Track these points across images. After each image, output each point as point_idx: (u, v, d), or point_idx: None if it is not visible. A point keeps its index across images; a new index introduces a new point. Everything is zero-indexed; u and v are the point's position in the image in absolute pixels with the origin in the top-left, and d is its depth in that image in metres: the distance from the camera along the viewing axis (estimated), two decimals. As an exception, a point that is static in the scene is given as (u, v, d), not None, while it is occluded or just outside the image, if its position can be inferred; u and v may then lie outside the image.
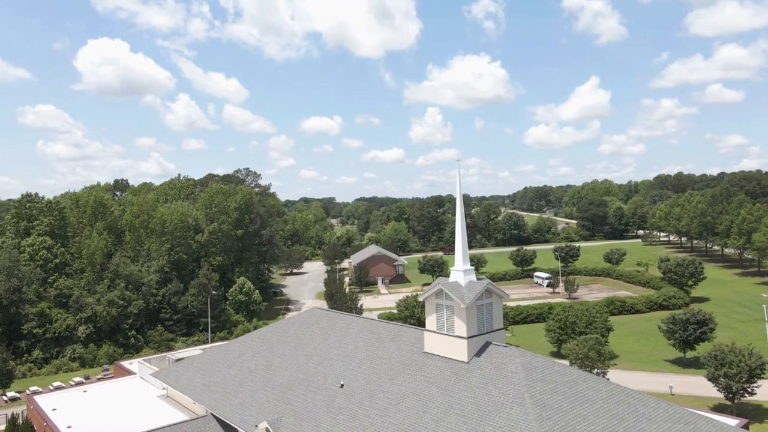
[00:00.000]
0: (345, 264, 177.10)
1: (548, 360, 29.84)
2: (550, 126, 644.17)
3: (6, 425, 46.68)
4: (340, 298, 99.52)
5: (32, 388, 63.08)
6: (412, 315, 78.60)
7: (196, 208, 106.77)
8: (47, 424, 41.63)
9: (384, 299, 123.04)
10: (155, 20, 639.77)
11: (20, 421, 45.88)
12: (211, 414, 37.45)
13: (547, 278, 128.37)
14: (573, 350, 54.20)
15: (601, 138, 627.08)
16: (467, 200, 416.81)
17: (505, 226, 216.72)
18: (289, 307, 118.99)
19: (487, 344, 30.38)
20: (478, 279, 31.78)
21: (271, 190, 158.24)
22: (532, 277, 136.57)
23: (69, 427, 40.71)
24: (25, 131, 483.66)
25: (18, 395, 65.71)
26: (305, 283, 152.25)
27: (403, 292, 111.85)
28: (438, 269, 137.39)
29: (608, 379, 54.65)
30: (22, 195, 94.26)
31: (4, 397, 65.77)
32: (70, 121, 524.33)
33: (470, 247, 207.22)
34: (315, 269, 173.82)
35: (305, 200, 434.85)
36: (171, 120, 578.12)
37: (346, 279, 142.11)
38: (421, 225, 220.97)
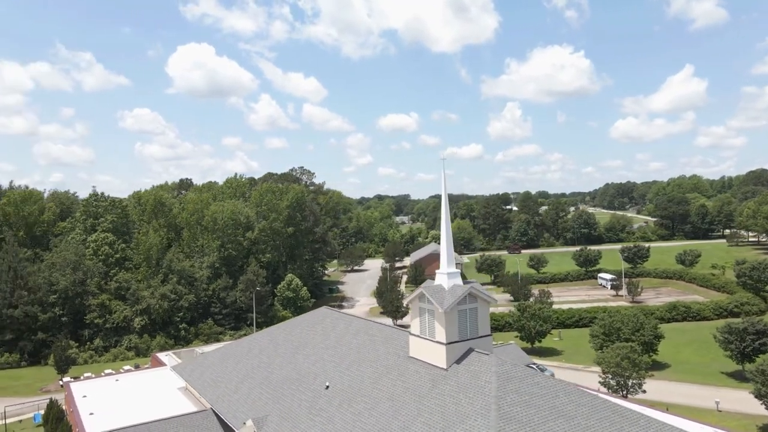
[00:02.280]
0: (406, 262, 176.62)
1: (529, 370, 28.00)
2: (640, 118, 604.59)
3: (45, 409, 50.39)
4: (388, 297, 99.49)
5: (86, 375, 67.37)
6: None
7: (247, 206, 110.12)
8: (73, 409, 44.22)
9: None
10: (238, 24, 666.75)
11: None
12: (211, 409, 38.26)
13: (611, 280, 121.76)
14: (605, 358, 50.76)
15: (697, 130, 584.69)
16: (545, 196, 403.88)
17: (575, 225, 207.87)
18: (342, 304, 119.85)
19: (469, 351, 29.04)
20: (465, 282, 30.56)
21: (348, 188, 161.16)
22: (596, 279, 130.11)
23: (91, 413, 42.89)
24: (125, 134, 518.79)
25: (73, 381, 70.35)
26: (364, 281, 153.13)
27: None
28: (495, 268, 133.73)
29: (644, 391, 50.96)
30: (89, 194, 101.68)
31: (60, 383, 70.67)
32: (163, 123, 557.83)
33: (537, 246, 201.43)
34: (376, 267, 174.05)
35: (379, 197, 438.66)
36: (254, 120, 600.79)
37: (404, 277, 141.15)
38: (487, 223, 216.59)
